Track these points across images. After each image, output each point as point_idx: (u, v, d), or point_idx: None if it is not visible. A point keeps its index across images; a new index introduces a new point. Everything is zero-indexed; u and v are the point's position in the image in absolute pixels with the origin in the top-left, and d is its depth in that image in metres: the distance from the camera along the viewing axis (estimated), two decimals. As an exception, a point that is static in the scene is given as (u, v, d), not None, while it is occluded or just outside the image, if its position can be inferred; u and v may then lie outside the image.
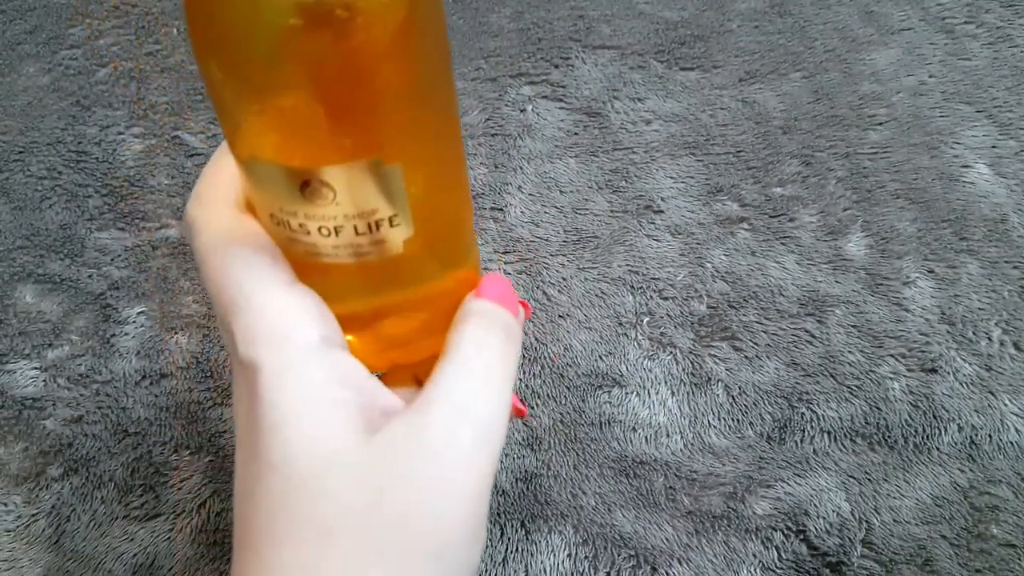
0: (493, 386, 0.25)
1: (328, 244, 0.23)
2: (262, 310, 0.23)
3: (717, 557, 0.41)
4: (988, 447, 0.43)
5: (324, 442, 0.23)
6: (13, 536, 0.42)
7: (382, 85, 0.21)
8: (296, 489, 0.22)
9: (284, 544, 0.22)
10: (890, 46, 0.57)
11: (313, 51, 0.19)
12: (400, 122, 0.22)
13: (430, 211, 0.24)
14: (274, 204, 0.23)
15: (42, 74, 0.58)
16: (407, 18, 0.20)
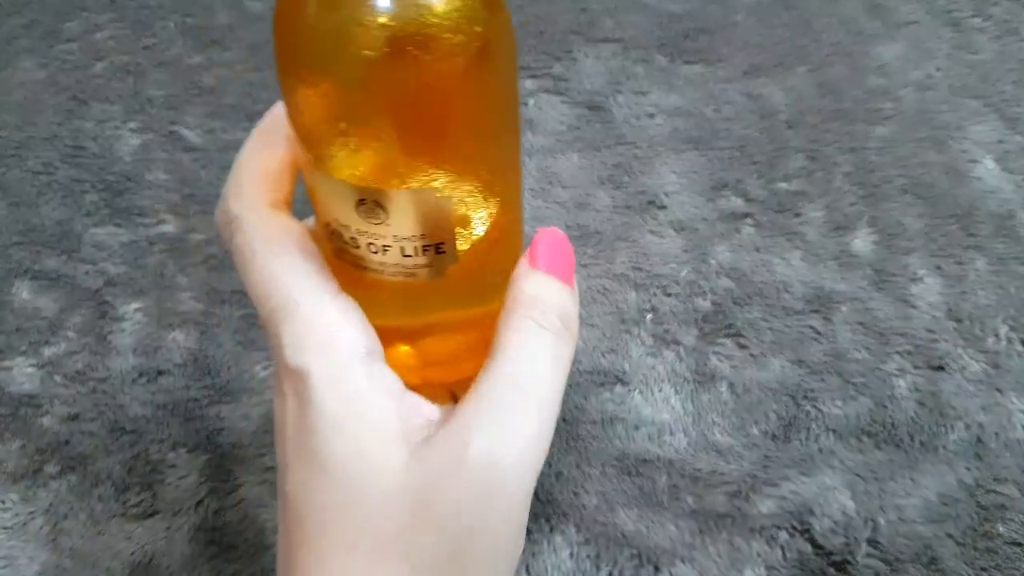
0: (545, 397, 0.24)
1: (375, 260, 0.24)
2: (311, 317, 0.23)
3: (721, 556, 0.40)
4: (995, 445, 0.42)
5: (373, 452, 0.23)
6: (10, 534, 0.42)
7: (449, 117, 0.21)
8: (347, 497, 0.23)
9: (336, 550, 0.23)
10: (896, 40, 0.56)
11: (391, 81, 0.20)
12: (461, 153, 0.22)
13: (478, 242, 0.25)
14: (331, 215, 0.23)
15: (38, 69, 0.58)
16: (481, 54, 0.20)
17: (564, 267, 0.26)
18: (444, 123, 0.21)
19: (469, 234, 0.24)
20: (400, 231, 0.23)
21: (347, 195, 0.22)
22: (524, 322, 0.24)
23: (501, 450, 0.23)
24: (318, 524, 0.23)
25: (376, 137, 0.21)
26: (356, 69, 0.20)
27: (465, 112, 0.22)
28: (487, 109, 0.22)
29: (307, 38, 0.20)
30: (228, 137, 0.54)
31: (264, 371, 0.46)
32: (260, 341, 0.46)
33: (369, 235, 0.23)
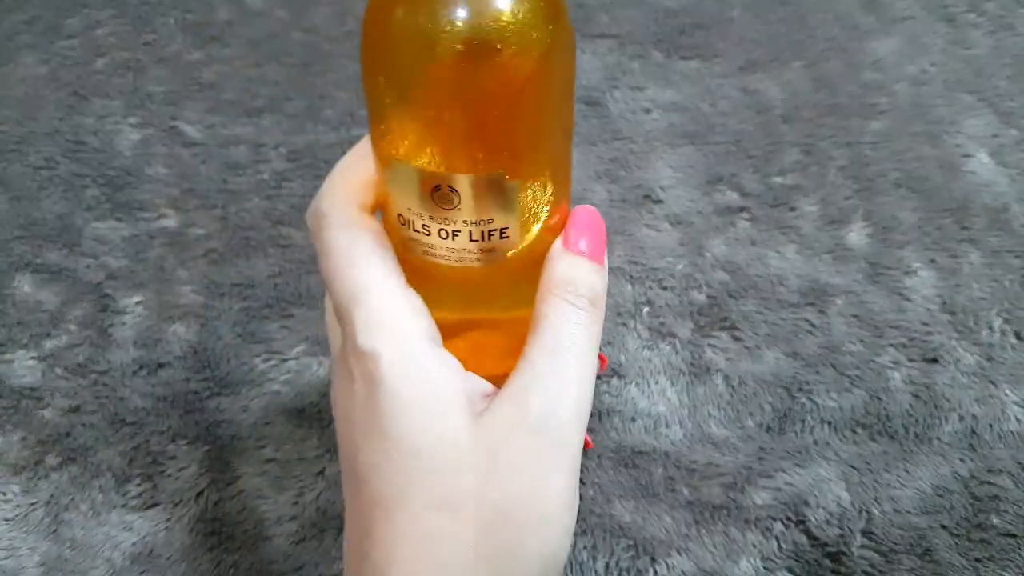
0: (583, 364, 0.27)
1: (444, 246, 0.26)
2: (382, 304, 0.26)
3: (717, 547, 0.41)
4: (989, 437, 0.42)
5: (443, 425, 0.26)
6: (11, 525, 0.42)
7: (517, 111, 0.24)
8: (422, 466, 0.25)
9: (418, 514, 0.25)
10: (891, 35, 0.56)
11: (465, 75, 0.23)
12: (526, 144, 0.25)
13: (538, 228, 0.27)
14: (404, 204, 0.26)
15: (39, 64, 0.58)
16: (546, 56, 0.23)
17: (596, 245, 0.29)
18: (510, 117, 0.24)
19: (530, 221, 0.27)
20: (470, 215, 0.25)
21: (423, 182, 0.25)
22: (559, 302, 0.27)
23: (556, 409, 0.26)
24: (397, 496, 0.25)
25: (452, 129, 0.24)
26: (435, 63, 0.23)
27: (528, 108, 0.24)
28: (547, 106, 0.25)
29: (396, 41, 0.23)
30: (227, 132, 0.54)
31: (264, 363, 0.46)
32: (260, 334, 0.47)
33: (441, 220, 0.26)
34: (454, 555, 0.25)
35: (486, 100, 0.23)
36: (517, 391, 0.26)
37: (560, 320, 0.27)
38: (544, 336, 0.27)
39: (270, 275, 0.49)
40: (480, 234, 0.26)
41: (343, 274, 0.27)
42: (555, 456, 0.26)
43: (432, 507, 0.25)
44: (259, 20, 0.59)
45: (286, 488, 0.43)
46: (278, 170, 0.52)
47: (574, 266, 0.28)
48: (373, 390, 0.26)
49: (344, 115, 0.54)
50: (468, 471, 0.25)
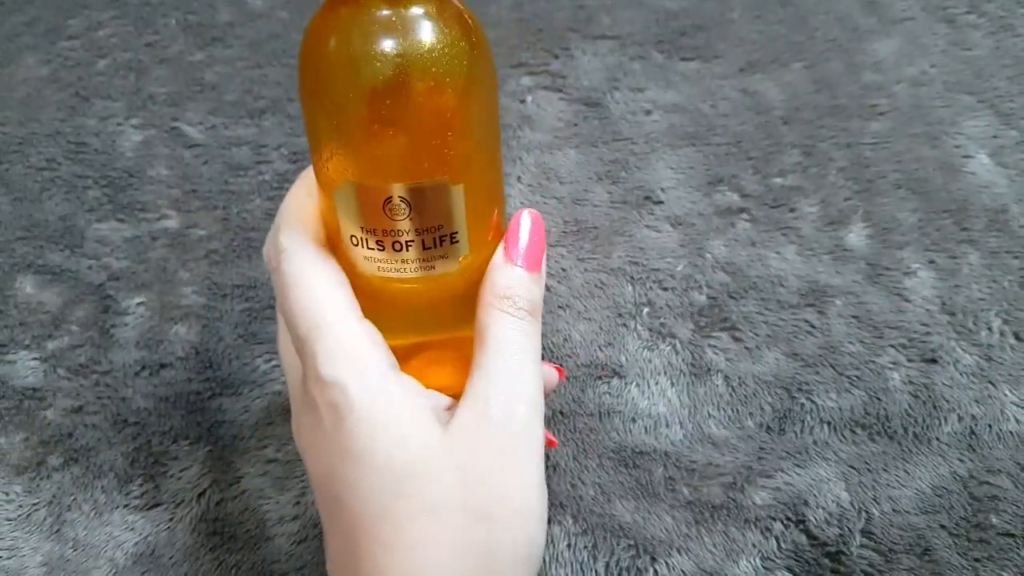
0: (531, 365, 0.29)
1: (399, 259, 0.28)
2: (343, 334, 0.28)
3: (716, 547, 0.41)
4: (988, 437, 0.43)
5: (415, 440, 0.27)
6: (14, 525, 0.42)
7: (449, 125, 0.26)
8: (401, 480, 0.27)
9: (401, 525, 0.26)
10: (891, 36, 0.56)
11: (399, 101, 0.25)
12: (462, 153, 0.27)
13: (481, 233, 0.29)
14: (356, 224, 0.27)
15: (41, 65, 0.58)
16: (469, 76, 0.26)
17: (533, 254, 0.30)
18: (443, 130, 0.26)
19: (474, 225, 0.28)
20: (421, 223, 0.27)
21: (376, 197, 0.26)
22: (500, 315, 0.29)
23: (515, 408, 0.28)
24: (379, 511, 0.27)
25: (395, 142, 0.26)
26: (374, 95, 0.25)
27: (457, 121, 0.27)
28: (473, 120, 0.27)
29: (337, 72, 0.26)
30: (229, 133, 0.54)
31: (265, 364, 0.46)
32: (261, 335, 0.47)
33: (394, 233, 0.27)
34: (440, 558, 0.27)
35: (421, 118, 0.26)
36: (476, 397, 0.28)
37: (503, 330, 0.29)
38: (491, 344, 0.29)
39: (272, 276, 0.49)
40: (432, 240, 0.28)
41: (304, 307, 0.28)
42: (522, 452, 0.28)
43: (414, 517, 0.27)
44: (261, 21, 0.59)
45: (288, 488, 0.43)
46: (280, 171, 0.52)
47: (512, 278, 0.30)
48: (341, 417, 0.27)
49: (345, 116, 0.54)
50: (443, 478, 0.27)
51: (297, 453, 0.43)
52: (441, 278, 0.29)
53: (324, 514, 0.29)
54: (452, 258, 0.28)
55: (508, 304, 0.29)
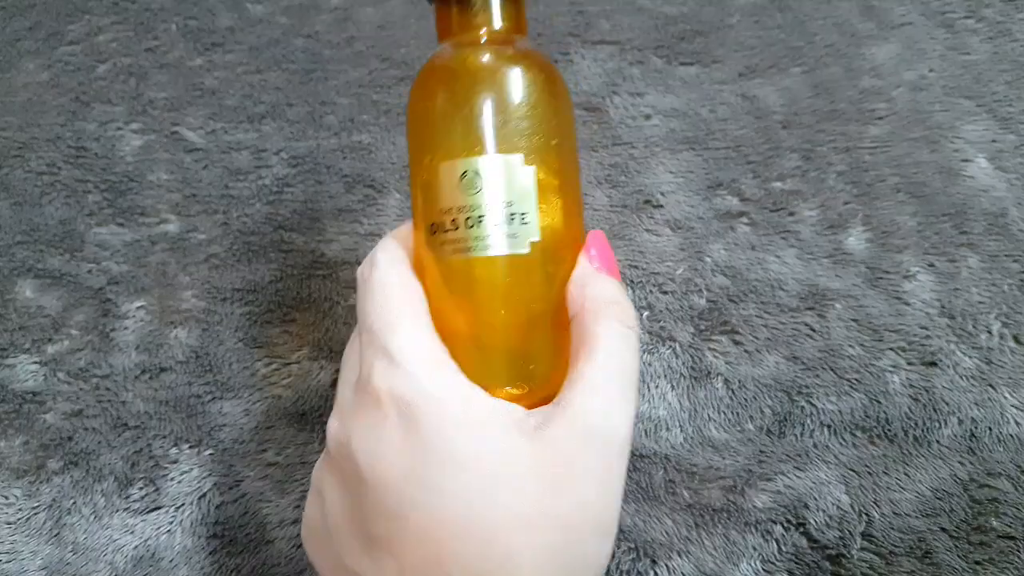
0: (635, 383, 0.29)
1: (471, 235, 0.29)
2: (421, 335, 0.28)
3: (717, 550, 0.41)
4: (988, 440, 0.43)
5: (501, 443, 0.26)
6: (13, 529, 0.42)
7: (525, 116, 0.30)
8: (491, 485, 0.26)
9: (494, 535, 0.26)
10: (890, 41, 0.57)
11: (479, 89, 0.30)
12: (535, 139, 0.30)
13: (553, 224, 0.31)
14: (435, 209, 0.30)
15: (41, 70, 0.58)
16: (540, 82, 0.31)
17: (615, 266, 0.31)
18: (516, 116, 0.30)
19: (546, 213, 0.30)
20: (493, 197, 0.29)
21: (455, 171, 0.30)
22: (613, 323, 0.28)
23: (616, 425, 0.27)
24: (466, 519, 0.26)
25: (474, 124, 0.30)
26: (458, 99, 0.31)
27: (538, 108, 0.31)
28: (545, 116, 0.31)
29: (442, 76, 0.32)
30: (229, 138, 0.54)
31: (265, 368, 0.46)
32: (261, 338, 0.47)
33: (468, 209, 0.29)
34: (533, 572, 0.26)
35: (500, 102, 0.30)
36: (575, 408, 0.27)
37: (614, 341, 0.28)
38: (600, 355, 0.28)
39: (272, 280, 0.49)
40: (503, 217, 0.29)
41: (384, 307, 0.28)
42: (616, 471, 0.28)
43: (506, 527, 0.26)
44: (261, 27, 0.59)
45: (288, 491, 0.43)
46: (280, 175, 0.53)
47: (617, 289, 0.30)
48: (416, 415, 0.26)
49: (345, 120, 0.55)
50: (533, 486, 0.26)
51: (297, 457, 0.43)
52: (511, 260, 0.30)
53: (387, 523, 0.27)
54: (523, 239, 0.30)
55: (619, 312, 0.29)
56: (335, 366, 0.46)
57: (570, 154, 0.33)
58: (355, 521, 0.28)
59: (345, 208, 0.51)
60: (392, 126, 0.54)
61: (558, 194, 0.31)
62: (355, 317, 0.47)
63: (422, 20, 0.60)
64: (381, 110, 0.55)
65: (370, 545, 0.27)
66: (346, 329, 0.47)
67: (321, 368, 0.46)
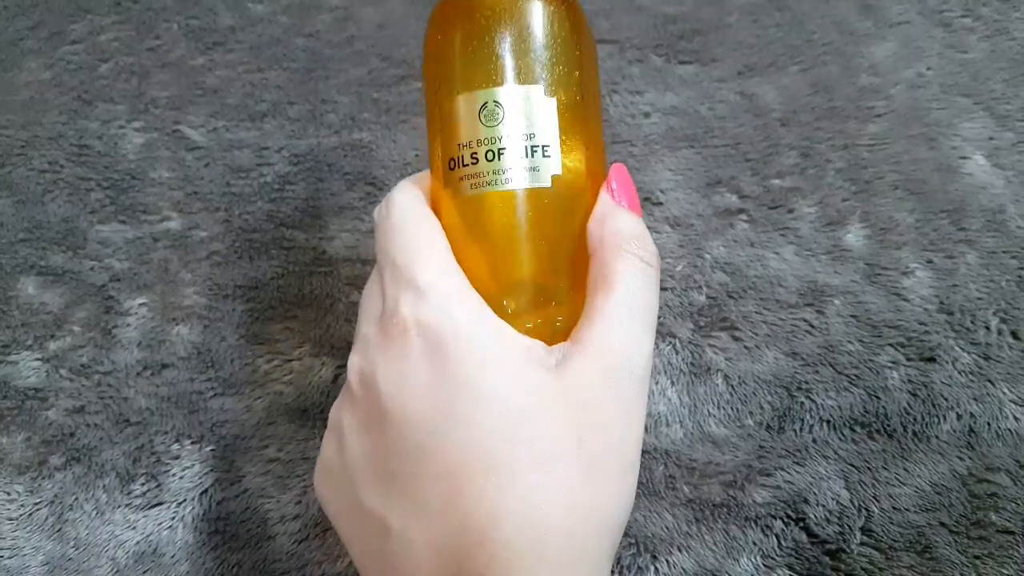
0: (653, 319, 0.29)
1: (491, 169, 0.29)
2: (446, 267, 0.28)
3: (717, 545, 0.41)
4: (987, 435, 0.43)
5: (528, 379, 0.26)
6: (15, 525, 0.42)
7: (545, 46, 0.30)
8: (517, 421, 0.25)
9: (518, 471, 0.25)
10: (888, 39, 0.57)
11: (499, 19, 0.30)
12: (555, 72, 0.30)
13: (575, 158, 0.30)
14: (454, 142, 0.30)
15: (43, 69, 0.58)
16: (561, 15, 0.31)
17: (637, 201, 0.31)
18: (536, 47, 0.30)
19: (568, 146, 0.30)
20: (513, 128, 0.29)
21: (474, 104, 0.29)
22: (632, 259, 0.28)
23: (634, 360, 0.27)
24: (491, 450, 0.25)
25: (495, 51, 0.30)
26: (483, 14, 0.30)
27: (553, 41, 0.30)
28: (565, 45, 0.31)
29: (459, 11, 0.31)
30: (231, 136, 0.54)
31: (267, 364, 0.46)
32: (263, 335, 0.47)
33: (488, 142, 0.29)
34: (552, 510, 0.25)
35: (519, 33, 0.30)
36: (596, 344, 0.27)
37: (634, 276, 0.28)
38: (618, 291, 0.28)
39: (274, 277, 0.49)
40: (524, 150, 0.29)
41: (408, 242, 0.28)
42: (637, 407, 0.28)
43: (531, 464, 0.25)
44: (262, 26, 0.60)
45: (289, 487, 0.43)
46: (281, 173, 0.53)
47: (638, 224, 0.29)
48: (444, 344, 0.26)
49: (346, 119, 0.55)
50: (559, 424, 0.26)
51: (299, 453, 0.44)
52: (534, 193, 0.29)
53: (408, 458, 0.26)
54: (544, 172, 0.29)
55: (639, 247, 0.29)
56: (336, 362, 0.46)
57: (592, 88, 0.32)
58: (374, 458, 0.27)
59: (346, 205, 0.51)
60: (393, 124, 0.55)
61: (580, 127, 0.31)
62: (356, 313, 0.47)
63: (422, 20, 0.60)
64: (382, 108, 0.55)
65: (389, 482, 0.26)
66: (348, 326, 0.47)
67: (323, 364, 0.46)
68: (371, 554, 0.27)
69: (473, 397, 0.26)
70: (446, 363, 0.26)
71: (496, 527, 0.25)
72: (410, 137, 0.54)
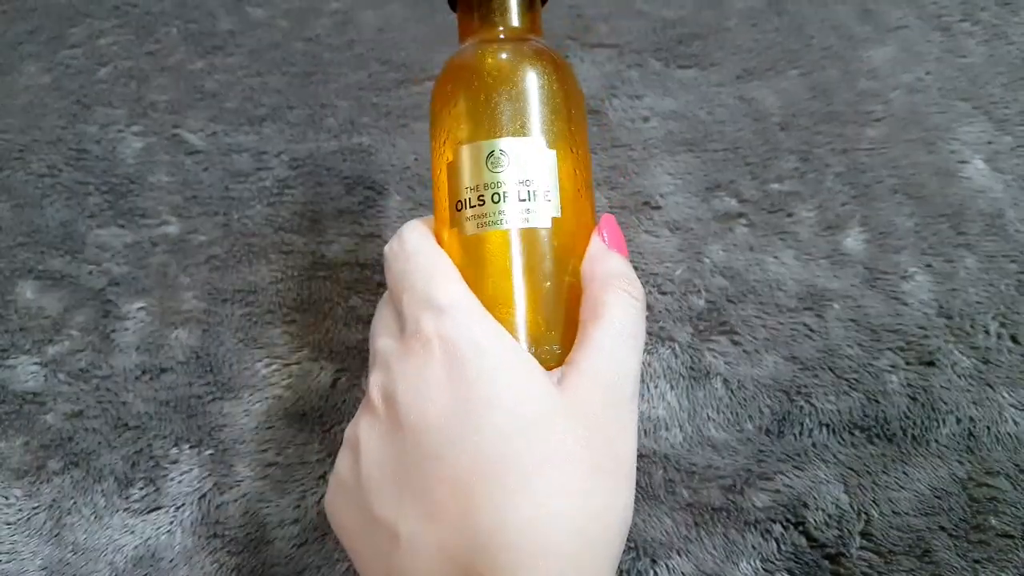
0: (640, 348, 0.31)
1: (496, 209, 0.32)
2: (459, 289, 0.30)
3: (716, 549, 0.41)
4: (986, 439, 0.43)
5: (539, 389, 0.28)
6: (13, 529, 0.42)
7: (542, 101, 0.34)
8: (530, 426, 0.27)
9: (528, 472, 0.27)
10: (887, 44, 0.57)
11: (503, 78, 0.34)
12: (554, 126, 0.34)
13: (572, 204, 0.34)
14: (462, 187, 0.33)
15: (43, 73, 0.58)
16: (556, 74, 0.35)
17: (624, 247, 0.34)
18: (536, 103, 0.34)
19: (565, 195, 0.33)
20: (517, 174, 0.32)
21: (481, 152, 0.33)
22: (621, 293, 0.31)
23: (625, 384, 0.30)
24: (504, 457, 0.27)
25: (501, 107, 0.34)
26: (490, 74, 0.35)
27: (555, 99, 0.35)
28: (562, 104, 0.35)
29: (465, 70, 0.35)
30: (230, 140, 0.54)
31: (265, 368, 0.46)
32: (262, 339, 0.47)
33: (493, 186, 0.32)
34: (563, 511, 0.27)
35: (521, 91, 0.34)
36: (591, 367, 0.29)
37: (622, 309, 0.31)
38: (609, 321, 0.30)
39: (272, 281, 0.49)
40: (527, 194, 0.32)
41: (424, 266, 0.31)
42: (632, 422, 0.30)
43: (541, 466, 0.27)
44: (261, 30, 0.60)
45: (288, 492, 0.43)
46: (280, 177, 0.53)
47: (625, 265, 0.33)
48: (462, 358, 0.28)
49: (345, 123, 0.55)
50: (569, 431, 0.28)
51: (297, 457, 0.44)
52: (534, 233, 0.33)
53: (423, 466, 0.28)
54: (544, 214, 0.33)
55: (627, 284, 0.31)
56: (335, 367, 0.46)
57: (583, 139, 0.36)
58: (390, 468, 0.29)
59: (345, 210, 0.51)
60: (392, 128, 0.55)
61: (575, 176, 0.34)
62: (355, 318, 0.47)
63: (421, 23, 0.60)
64: (381, 112, 0.55)
65: (402, 490, 0.28)
66: (346, 330, 0.47)
67: (321, 369, 0.46)
68: (377, 565, 0.28)
69: (486, 404, 0.27)
70: (463, 372, 0.28)
71: (503, 530, 0.26)
72: (409, 141, 0.54)
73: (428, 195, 0.52)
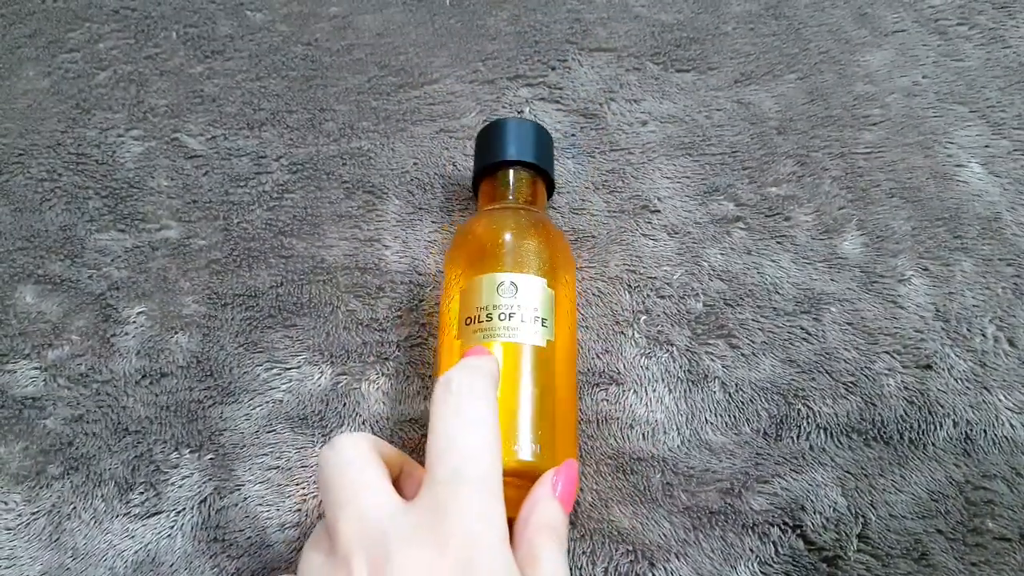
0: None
1: (501, 326, 0.39)
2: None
3: (714, 552, 0.41)
4: (983, 442, 0.43)
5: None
6: (13, 534, 0.42)
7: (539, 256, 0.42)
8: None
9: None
10: (884, 47, 0.57)
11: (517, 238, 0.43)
12: (554, 272, 0.42)
13: (564, 341, 0.41)
14: (474, 306, 0.40)
15: (42, 77, 0.58)
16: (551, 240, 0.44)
17: (571, 497, 0.36)
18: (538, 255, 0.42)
19: (560, 327, 0.41)
20: (523, 301, 0.40)
21: (495, 281, 0.40)
22: (551, 540, 0.33)
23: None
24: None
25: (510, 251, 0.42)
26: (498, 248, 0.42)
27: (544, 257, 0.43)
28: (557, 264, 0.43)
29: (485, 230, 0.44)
30: (229, 144, 0.54)
31: (265, 372, 0.46)
32: (262, 343, 0.47)
33: (502, 307, 0.39)
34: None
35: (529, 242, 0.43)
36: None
37: (555, 556, 0.33)
38: (545, 567, 0.32)
39: (272, 285, 0.49)
40: (530, 317, 0.39)
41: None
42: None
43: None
44: (260, 34, 0.60)
45: (288, 495, 0.43)
46: (280, 181, 0.53)
47: (560, 515, 0.35)
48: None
49: (344, 127, 0.55)
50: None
51: (298, 461, 0.44)
52: (532, 349, 0.39)
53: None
54: (542, 336, 0.39)
55: (557, 536, 0.34)
56: (335, 370, 0.46)
57: (571, 283, 0.44)
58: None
59: (345, 214, 0.51)
60: (391, 132, 0.55)
61: (567, 315, 0.42)
62: (354, 321, 0.47)
63: (420, 28, 0.60)
64: (380, 116, 0.55)
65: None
66: (345, 334, 0.47)
67: (321, 372, 0.46)
68: None
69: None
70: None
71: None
72: (408, 145, 0.54)
73: (427, 199, 0.52)
